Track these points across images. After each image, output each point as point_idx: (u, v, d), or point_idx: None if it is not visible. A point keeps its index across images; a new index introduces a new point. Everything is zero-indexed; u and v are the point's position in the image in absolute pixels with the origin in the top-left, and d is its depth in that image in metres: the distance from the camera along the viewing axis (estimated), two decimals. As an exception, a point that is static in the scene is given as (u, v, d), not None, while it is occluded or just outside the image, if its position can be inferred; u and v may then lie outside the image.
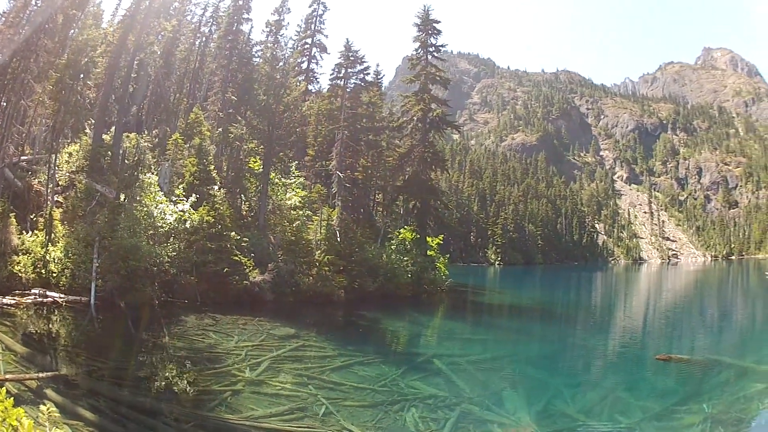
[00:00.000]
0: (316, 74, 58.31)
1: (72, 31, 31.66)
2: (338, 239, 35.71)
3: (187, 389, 12.06)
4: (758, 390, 15.56)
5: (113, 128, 30.66)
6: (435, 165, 52.14)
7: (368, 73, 51.35)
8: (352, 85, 49.60)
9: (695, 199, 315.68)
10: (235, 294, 26.27)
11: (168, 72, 42.92)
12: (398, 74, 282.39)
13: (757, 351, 23.75)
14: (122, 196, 24.23)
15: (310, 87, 57.00)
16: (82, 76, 29.56)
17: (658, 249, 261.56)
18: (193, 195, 27.37)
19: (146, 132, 38.27)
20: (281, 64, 41.03)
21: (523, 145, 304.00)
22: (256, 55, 48.07)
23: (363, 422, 11.23)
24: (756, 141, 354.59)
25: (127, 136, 30.68)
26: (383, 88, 64.34)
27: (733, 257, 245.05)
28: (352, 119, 46.87)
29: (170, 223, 25.60)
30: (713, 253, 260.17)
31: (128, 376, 13.07)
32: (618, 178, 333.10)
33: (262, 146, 37.51)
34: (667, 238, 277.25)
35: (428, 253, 46.08)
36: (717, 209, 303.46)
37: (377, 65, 55.38)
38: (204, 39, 52.62)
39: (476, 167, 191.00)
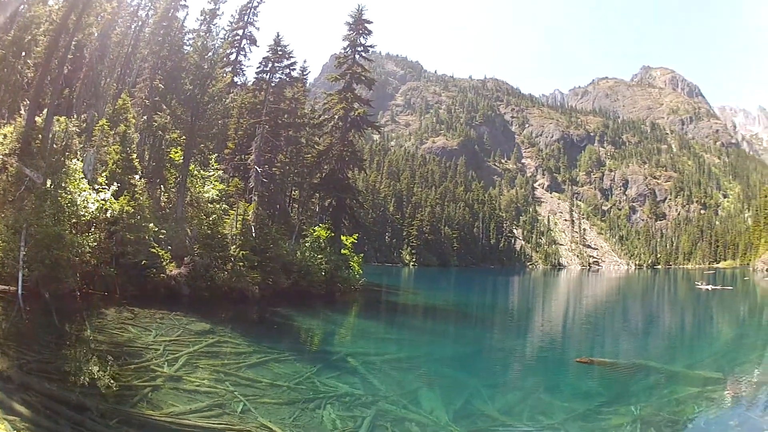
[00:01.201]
0: (243, 66, 57.71)
1: (21, 6, 30.92)
2: (253, 234, 35.45)
3: (110, 384, 11.86)
4: (692, 393, 15.92)
5: (45, 110, 29.95)
6: (353, 164, 52.62)
7: (294, 69, 51.36)
8: (278, 80, 49.41)
9: (619, 209, 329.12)
10: (152, 287, 25.71)
11: (102, 55, 41.81)
12: (325, 71, 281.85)
13: (688, 356, 24.32)
14: (48, 182, 23.61)
15: (236, 79, 56.41)
16: (24, 54, 28.89)
17: (578, 256, 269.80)
18: (115, 184, 26.88)
19: (75, 116, 37.37)
20: (211, 54, 40.62)
21: (443, 149, 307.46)
22: (188, 44, 47.46)
23: (281, 420, 11.26)
24: (690, 158, 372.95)
25: (58, 120, 29.96)
26: (308, 85, 64.12)
27: (660, 266, 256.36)
28: (273, 114, 46.71)
29: (92, 212, 25.05)
30: (638, 262, 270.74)
31: (55, 371, 12.71)
32: (539, 185, 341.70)
33: (184, 137, 37.05)
34: (589, 246, 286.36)
35: (342, 251, 46.38)
36: (643, 220, 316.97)
37: (304, 61, 55.44)
38: (140, 23, 51.49)
39: (394, 168, 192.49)
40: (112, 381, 12.20)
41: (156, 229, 27.73)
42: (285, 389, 13.80)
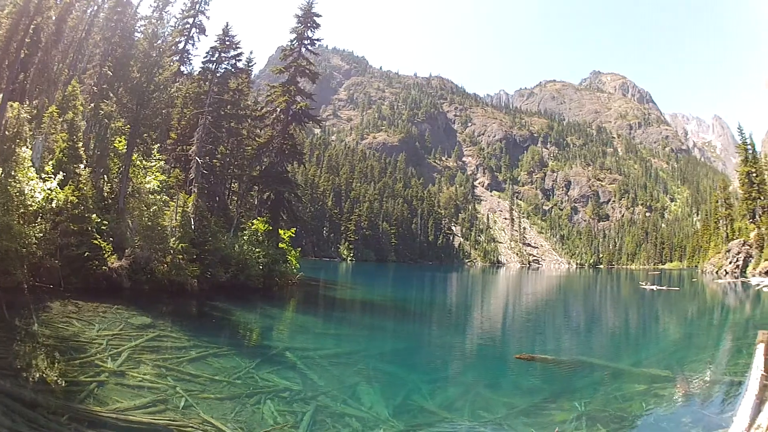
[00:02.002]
0: (190, 55, 56.83)
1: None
2: (193, 227, 35.06)
3: (59, 380, 11.74)
4: (640, 391, 15.82)
5: (0, 95, 29.18)
6: (292, 157, 52.54)
7: (240, 60, 50.74)
8: (223, 70, 48.99)
9: (561, 209, 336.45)
10: (95, 280, 25.18)
11: (57, 40, 40.81)
12: (271, 63, 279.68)
13: (633, 354, 24.27)
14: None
15: (182, 68, 55.57)
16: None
17: (518, 254, 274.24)
18: (61, 173, 26.37)
19: (28, 102, 36.47)
20: (160, 41, 40.07)
21: (384, 145, 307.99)
22: (139, 30, 46.68)
23: (222, 415, 11.29)
24: (637, 162, 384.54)
25: (11, 105, 29.28)
26: (253, 76, 63.84)
27: (602, 266, 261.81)
28: (217, 105, 46.30)
29: (39, 201, 24.53)
30: (579, 261, 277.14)
31: (8, 367, 12.49)
32: (479, 184, 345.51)
33: (128, 125, 36.48)
34: (529, 244, 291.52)
35: (280, 245, 46.09)
36: (585, 221, 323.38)
37: (251, 52, 54.23)
38: (96, 8, 50.41)
39: (334, 163, 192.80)
40: (60, 377, 12.07)
41: (98, 220, 27.14)
42: (225, 384, 13.78)
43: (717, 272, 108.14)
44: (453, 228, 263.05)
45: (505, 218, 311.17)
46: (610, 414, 13.24)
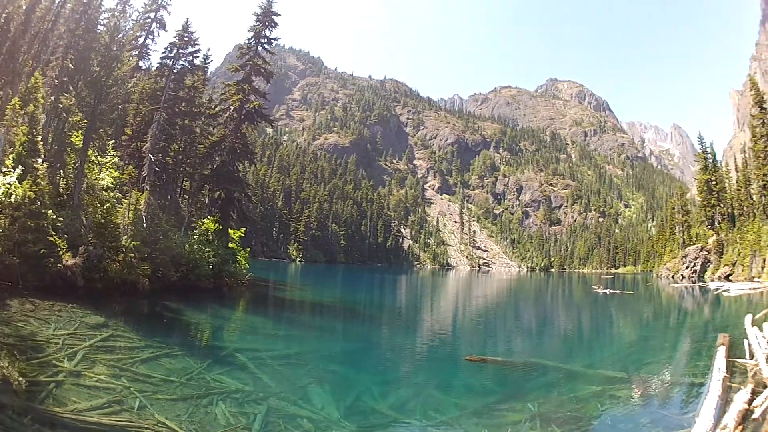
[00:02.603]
0: (149, 51, 56.25)
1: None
2: (144, 225, 34.82)
3: (20, 380, 11.68)
4: (595, 392, 15.76)
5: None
6: (244, 157, 52.55)
7: (198, 57, 50.49)
8: (180, 67, 48.73)
9: (512, 213, 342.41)
10: (51, 277, 24.60)
11: (25, 30, 40.02)
12: (227, 61, 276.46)
13: (587, 356, 24.33)
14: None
15: (141, 63, 55.01)
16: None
17: (467, 257, 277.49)
18: (20, 167, 25.88)
19: None
20: (121, 35, 39.63)
21: (335, 146, 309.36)
22: (102, 23, 46.08)
23: (176, 416, 11.29)
24: (591, 168, 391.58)
25: None
26: (209, 74, 63.35)
27: (553, 270, 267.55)
28: (172, 102, 45.89)
29: (-2, 196, 23.98)
30: (530, 265, 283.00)
31: None
32: (430, 187, 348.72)
33: (85, 120, 35.98)
34: (479, 248, 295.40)
35: (230, 245, 45.84)
36: (536, 225, 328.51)
37: (208, 49, 54.02)
38: None
39: (285, 163, 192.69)
40: (21, 377, 11.96)
41: (54, 217, 26.62)
42: (178, 385, 13.71)
43: (673, 276, 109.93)
44: (402, 230, 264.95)
45: (455, 221, 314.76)
46: (564, 415, 13.30)
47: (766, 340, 19.02)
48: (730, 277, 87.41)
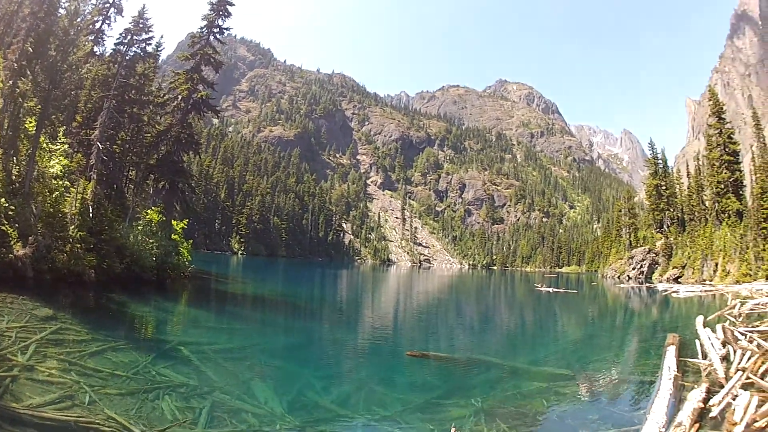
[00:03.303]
0: (105, 36, 55.23)
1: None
2: (91, 215, 33.93)
3: None
4: (539, 388, 15.79)
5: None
6: (189, 147, 51.61)
7: (150, 44, 49.61)
8: (133, 53, 48.06)
9: (454, 211, 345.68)
10: (2, 268, 24.40)
11: None
12: (179, 49, 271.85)
13: (531, 353, 24.30)
14: None
15: (96, 49, 54.01)
16: None
17: (408, 253, 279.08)
18: None
19: None
20: (79, 19, 38.90)
21: (279, 139, 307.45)
22: (63, 6, 45.05)
23: (125, 411, 11.24)
24: (536, 169, 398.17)
25: None
26: (160, 61, 62.54)
27: (495, 268, 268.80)
28: (122, 89, 45.02)
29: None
30: (471, 262, 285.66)
31: None
32: (372, 182, 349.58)
33: (39, 106, 35.26)
34: (420, 244, 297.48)
35: (173, 237, 45.24)
36: (478, 223, 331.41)
37: (161, 36, 52.87)
38: None
39: (229, 154, 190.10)
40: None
41: (6, 205, 26.21)
42: (125, 379, 13.66)
43: (619, 277, 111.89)
44: (344, 225, 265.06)
45: (397, 217, 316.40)
46: (509, 411, 13.39)
47: (720, 342, 19.66)
48: (679, 279, 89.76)
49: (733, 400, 11.86)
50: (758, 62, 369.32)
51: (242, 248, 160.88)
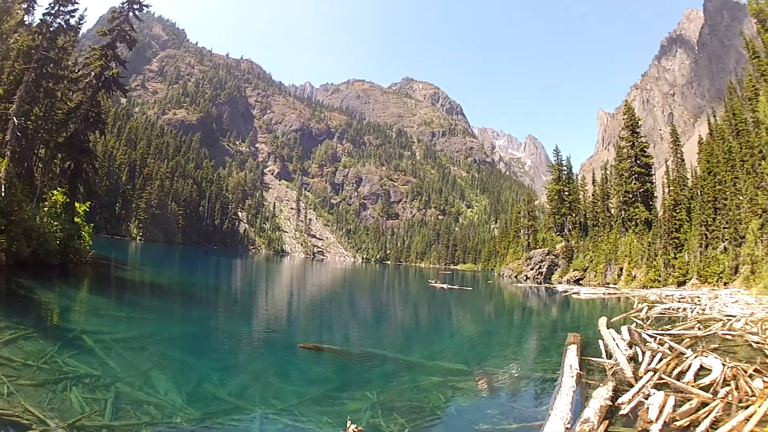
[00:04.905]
0: (35, 5, 53.18)
1: None
2: (2, 194, 32.75)
3: None
4: (435, 383, 15.95)
5: None
6: (96, 127, 50.25)
7: (74, 16, 48.20)
8: (57, 25, 46.49)
9: (349, 204, 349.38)
10: None
11: None
12: (100, 23, 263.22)
13: (425, 348, 24.54)
14: None
15: (26, 18, 51.94)
16: None
17: (302, 244, 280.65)
18: None
19: None
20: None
21: (182, 122, 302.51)
22: None
23: (38, 403, 11.15)
24: (435, 167, 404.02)
25: None
26: (80, 35, 60.63)
27: (389, 262, 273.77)
28: (42, 62, 43.58)
29: None
30: (365, 256, 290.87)
31: None
32: (269, 172, 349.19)
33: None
34: (314, 236, 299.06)
35: (76, 219, 44.32)
36: (373, 217, 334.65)
37: (85, 9, 51.38)
38: None
39: (133, 136, 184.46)
40: None
41: None
42: (35, 369, 13.51)
43: (516, 276, 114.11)
44: (239, 213, 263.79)
45: (292, 208, 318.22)
46: (406, 404, 13.61)
47: (626, 343, 20.48)
48: (580, 282, 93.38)
49: (645, 399, 12.40)
50: (687, 83, 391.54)
51: (141, 234, 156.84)
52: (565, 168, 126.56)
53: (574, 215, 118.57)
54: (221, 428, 11.74)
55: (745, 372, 14.67)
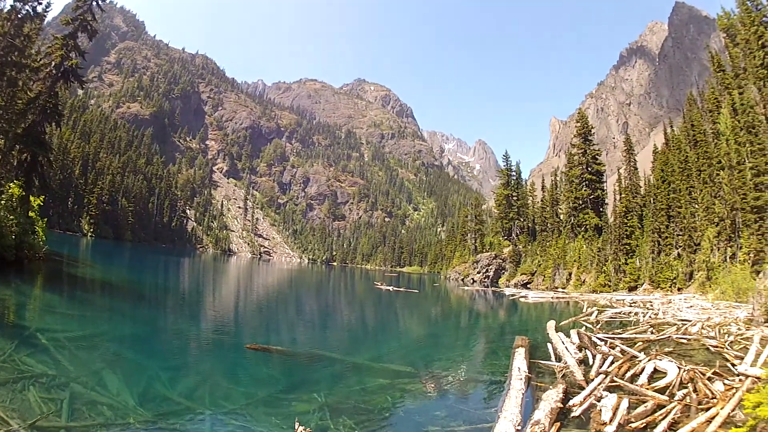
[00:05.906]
0: None
1: None
2: None
3: None
4: (382, 384, 16.14)
5: None
6: (53, 118, 48.89)
7: (41, 3, 47.42)
8: (25, 12, 45.54)
9: (296, 204, 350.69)
10: None
11: None
12: (65, 12, 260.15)
13: (372, 350, 24.61)
14: None
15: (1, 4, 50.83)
16: None
17: (249, 244, 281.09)
18: None
19: None
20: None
21: (136, 117, 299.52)
22: None
23: (1, 403, 11.07)
24: (382, 169, 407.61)
25: None
26: (45, 23, 59.60)
27: (335, 263, 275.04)
28: (8, 50, 42.65)
29: None
30: (311, 257, 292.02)
31: None
32: (218, 169, 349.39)
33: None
34: (260, 236, 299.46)
35: (30, 214, 42.76)
36: (320, 218, 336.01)
37: None
38: None
39: (88, 129, 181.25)
40: None
41: None
42: None
43: (463, 280, 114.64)
44: (187, 211, 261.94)
45: (239, 207, 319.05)
46: (354, 406, 13.64)
47: (576, 346, 20.47)
48: (528, 285, 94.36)
49: (598, 401, 12.40)
50: (644, 93, 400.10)
51: (92, 230, 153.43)
52: (514, 173, 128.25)
53: (522, 220, 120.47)
54: (173, 430, 11.52)
55: (704, 375, 14.84)
